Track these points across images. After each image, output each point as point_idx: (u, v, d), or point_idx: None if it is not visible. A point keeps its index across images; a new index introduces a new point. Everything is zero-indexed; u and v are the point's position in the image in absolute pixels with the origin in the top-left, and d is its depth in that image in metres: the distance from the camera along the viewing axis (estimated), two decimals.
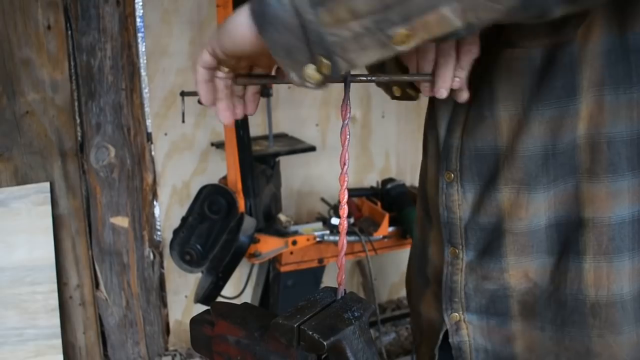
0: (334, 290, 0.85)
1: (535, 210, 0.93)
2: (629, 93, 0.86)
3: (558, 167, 0.91)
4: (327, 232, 2.58)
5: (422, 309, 1.15)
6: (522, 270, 0.97)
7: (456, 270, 1.02)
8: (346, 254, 0.86)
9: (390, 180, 2.85)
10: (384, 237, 2.62)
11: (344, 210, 0.83)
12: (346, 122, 0.82)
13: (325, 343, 0.76)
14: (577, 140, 0.89)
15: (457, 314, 1.04)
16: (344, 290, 0.85)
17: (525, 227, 0.94)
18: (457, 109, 0.98)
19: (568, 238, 0.94)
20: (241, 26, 0.74)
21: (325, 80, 0.72)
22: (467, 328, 1.04)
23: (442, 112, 1.01)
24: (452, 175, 0.99)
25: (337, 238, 2.36)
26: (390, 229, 2.64)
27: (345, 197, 0.83)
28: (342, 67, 0.71)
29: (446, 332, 1.07)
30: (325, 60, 0.70)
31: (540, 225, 0.94)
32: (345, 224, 0.85)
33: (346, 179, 0.83)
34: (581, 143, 0.89)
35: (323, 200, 2.89)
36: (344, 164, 0.83)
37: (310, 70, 0.71)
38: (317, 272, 2.68)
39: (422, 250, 1.15)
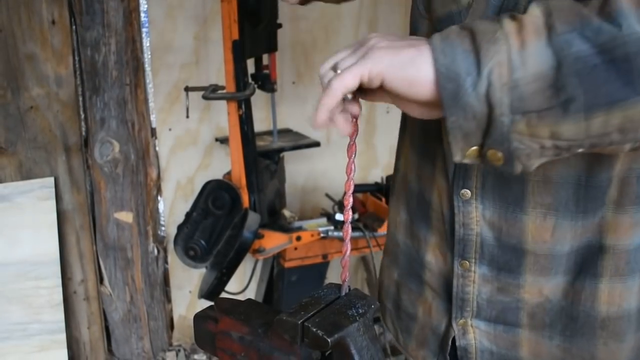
0: (338, 286, 0.85)
1: (560, 236, 0.92)
2: None
3: (589, 200, 0.89)
4: (332, 227, 2.57)
5: (420, 314, 1.14)
6: (537, 288, 0.97)
7: (468, 282, 1.01)
8: (350, 249, 0.86)
9: None
10: None
11: (348, 214, 0.83)
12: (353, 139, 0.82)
13: (329, 340, 0.75)
14: (612, 179, 0.88)
15: (465, 320, 1.04)
16: (348, 286, 0.85)
17: (548, 250, 0.93)
18: None
19: (586, 261, 0.94)
20: (423, 79, 0.70)
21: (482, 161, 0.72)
22: (474, 332, 1.04)
23: None
24: (470, 193, 0.96)
25: (341, 234, 2.35)
26: None
27: (349, 202, 0.83)
28: (516, 169, 0.72)
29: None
30: (498, 153, 0.70)
31: (564, 251, 0.93)
32: (349, 229, 0.85)
33: (352, 185, 0.83)
34: (614, 181, 0.88)
35: (327, 196, 2.88)
36: (350, 171, 0.83)
37: (474, 150, 0.72)
38: (321, 268, 2.67)
39: (412, 254, 1.13)
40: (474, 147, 0.72)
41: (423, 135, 1.07)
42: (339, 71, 0.74)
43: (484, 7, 0.86)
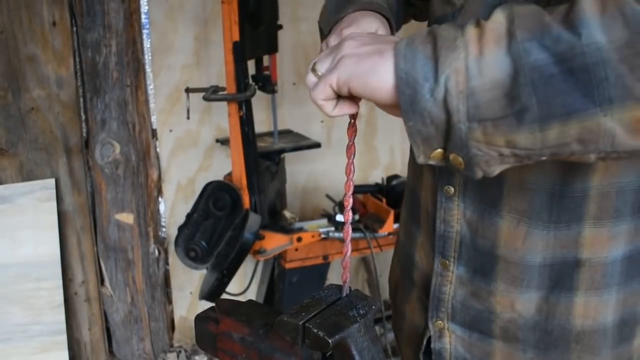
0: (339, 287, 0.85)
1: (531, 244, 0.91)
2: None
3: (563, 211, 0.89)
4: (332, 228, 2.57)
5: (407, 312, 1.15)
6: (509, 299, 0.96)
7: (445, 282, 1.02)
8: (351, 250, 0.86)
9: (395, 176, 2.84)
10: (389, 233, 2.61)
11: (348, 216, 0.83)
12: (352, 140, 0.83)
13: (330, 341, 0.75)
14: (588, 191, 0.87)
15: (442, 322, 1.04)
16: (349, 287, 0.85)
17: (520, 259, 0.93)
18: None
19: (561, 276, 0.93)
20: (384, 85, 0.71)
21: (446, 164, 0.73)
22: (449, 336, 1.04)
23: None
24: (453, 189, 0.96)
25: (342, 235, 2.35)
26: (395, 225, 2.63)
27: (349, 202, 0.83)
28: (477, 174, 0.72)
29: (429, 338, 1.07)
30: (459, 158, 0.71)
31: (535, 262, 0.92)
32: (349, 230, 0.85)
33: (352, 185, 0.83)
34: (592, 194, 0.87)
35: (328, 196, 2.88)
36: (350, 172, 0.83)
37: (438, 152, 0.72)
38: (322, 269, 2.67)
39: (408, 253, 1.14)
40: (438, 150, 0.72)
41: None
42: (315, 76, 0.78)
43: (476, 8, 0.86)
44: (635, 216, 0.89)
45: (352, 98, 0.79)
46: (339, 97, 0.78)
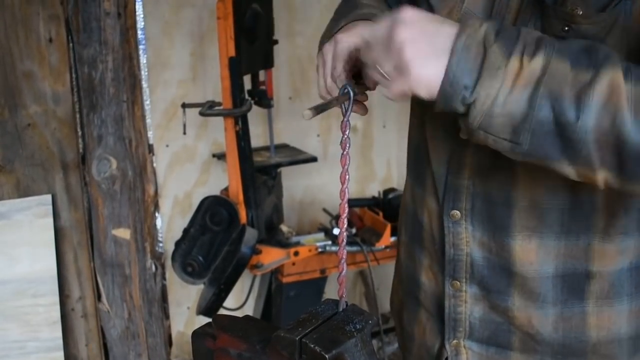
0: (336, 302, 0.85)
1: (545, 254, 0.96)
2: None
3: (573, 222, 0.94)
4: (329, 242, 2.57)
5: (416, 334, 1.15)
6: (526, 315, 0.99)
7: (460, 302, 1.03)
8: (348, 264, 0.87)
9: (392, 190, 2.85)
10: (386, 247, 2.61)
11: (343, 223, 0.84)
12: (345, 151, 0.86)
13: (327, 356, 0.75)
14: (595, 205, 0.93)
15: (458, 341, 1.06)
16: (346, 302, 0.85)
17: (535, 272, 0.97)
18: (460, 149, 0.99)
19: (573, 287, 0.97)
20: (433, 77, 0.80)
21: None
22: (466, 353, 1.06)
23: (438, 150, 1.03)
24: (459, 214, 1.00)
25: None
26: (392, 239, 2.64)
27: (345, 211, 0.83)
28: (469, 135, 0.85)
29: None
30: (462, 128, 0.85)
31: (549, 272, 0.96)
32: (344, 245, 0.85)
33: (346, 193, 0.84)
34: (600, 207, 0.93)
35: (325, 210, 2.88)
36: (344, 181, 0.83)
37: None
38: (319, 283, 2.67)
39: (411, 275, 1.15)
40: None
41: (415, 156, 1.10)
42: (378, 71, 0.83)
43: None
44: None
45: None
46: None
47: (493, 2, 0.94)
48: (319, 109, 0.85)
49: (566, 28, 0.87)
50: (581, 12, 0.85)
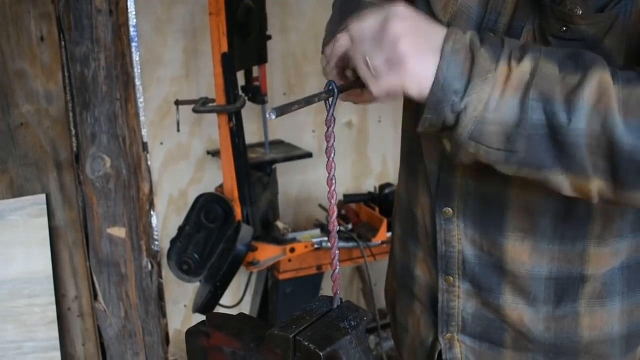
0: (330, 299, 0.85)
1: (538, 258, 0.95)
2: None
3: (567, 229, 0.94)
4: (325, 238, 2.57)
5: (410, 325, 1.15)
6: (517, 314, 0.99)
7: (453, 297, 1.04)
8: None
9: (388, 185, 2.84)
10: (382, 242, 2.61)
11: (333, 224, 0.83)
12: (331, 143, 0.82)
13: (321, 353, 0.75)
14: (592, 213, 0.92)
15: (451, 334, 1.06)
16: (340, 299, 0.85)
17: (527, 273, 0.96)
18: None
19: (566, 290, 0.97)
20: (423, 79, 0.78)
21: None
22: (460, 347, 1.06)
23: (431, 147, 1.03)
24: (451, 211, 0.99)
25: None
26: (389, 234, 2.63)
27: (334, 212, 0.83)
28: (455, 157, 0.83)
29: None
30: (448, 144, 0.83)
31: (542, 274, 0.96)
32: (336, 245, 0.84)
33: (334, 195, 0.83)
34: (596, 215, 0.92)
35: (321, 206, 2.88)
36: (331, 184, 0.83)
37: (434, 132, 0.83)
38: (315, 279, 2.66)
39: (405, 267, 1.15)
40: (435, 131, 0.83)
41: (408, 151, 1.10)
42: (366, 65, 0.81)
43: (463, 28, 0.87)
44: (636, 233, 0.95)
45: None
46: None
47: None
48: (284, 109, 0.84)
49: (564, 28, 0.85)
50: (580, 12, 0.83)
